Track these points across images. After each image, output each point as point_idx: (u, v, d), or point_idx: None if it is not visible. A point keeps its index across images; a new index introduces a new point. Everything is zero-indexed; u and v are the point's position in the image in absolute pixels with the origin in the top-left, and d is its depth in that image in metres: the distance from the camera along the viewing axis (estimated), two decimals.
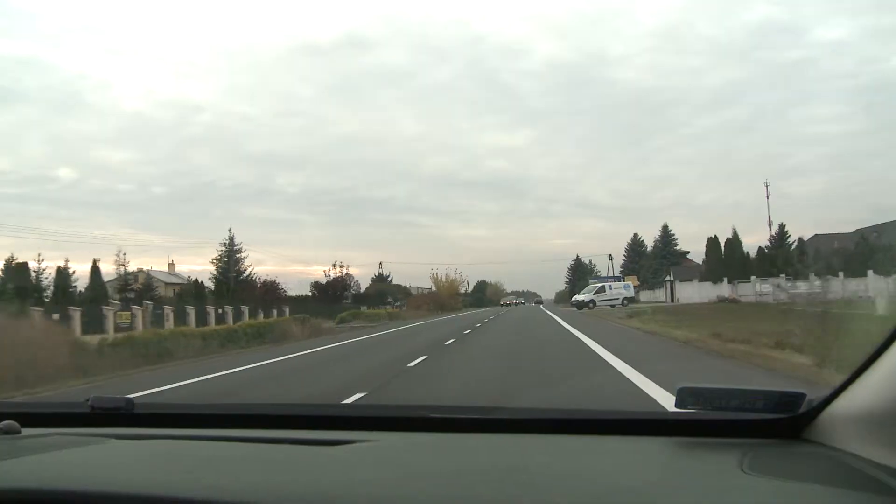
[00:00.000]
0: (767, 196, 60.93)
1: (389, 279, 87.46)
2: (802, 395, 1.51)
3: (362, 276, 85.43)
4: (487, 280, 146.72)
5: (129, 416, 1.94)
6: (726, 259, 60.14)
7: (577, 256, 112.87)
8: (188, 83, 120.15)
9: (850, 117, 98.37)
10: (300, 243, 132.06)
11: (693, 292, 57.26)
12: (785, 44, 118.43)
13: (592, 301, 55.76)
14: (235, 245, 63.42)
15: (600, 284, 61.41)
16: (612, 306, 50.78)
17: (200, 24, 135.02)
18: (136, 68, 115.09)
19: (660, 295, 68.67)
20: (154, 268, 64.16)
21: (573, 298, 57.85)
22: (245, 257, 62.75)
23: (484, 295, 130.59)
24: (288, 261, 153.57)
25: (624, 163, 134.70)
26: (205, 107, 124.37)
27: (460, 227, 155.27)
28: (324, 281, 74.10)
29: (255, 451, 1.66)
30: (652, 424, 1.74)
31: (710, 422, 1.62)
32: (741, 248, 62.50)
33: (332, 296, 66.68)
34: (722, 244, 62.01)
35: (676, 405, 1.59)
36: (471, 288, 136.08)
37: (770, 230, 61.43)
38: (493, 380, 10.99)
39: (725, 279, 56.55)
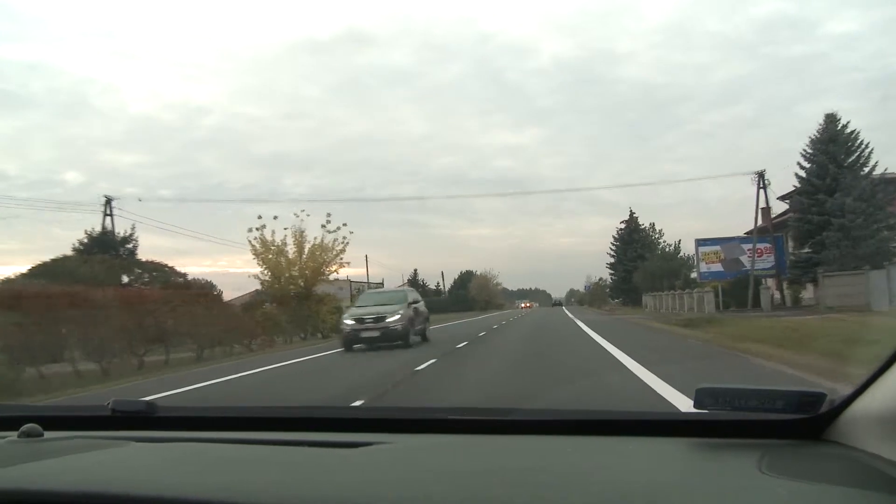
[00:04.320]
0: None
1: (130, 244, 38.27)
2: (823, 395, 1.51)
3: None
4: (474, 271, 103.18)
5: (150, 419, 1.94)
6: None
7: (631, 213, 67.04)
8: (195, 85, 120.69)
9: (860, 112, 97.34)
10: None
11: None
12: (793, 38, 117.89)
13: None
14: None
15: None
16: None
17: (206, 26, 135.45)
18: (143, 71, 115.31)
19: None
20: None
21: None
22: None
23: (467, 293, 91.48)
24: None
25: (631, 160, 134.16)
26: (212, 109, 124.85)
27: (468, 227, 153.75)
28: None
29: (274, 454, 1.66)
30: (670, 425, 1.74)
31: (728, 422, 1.62)
32: None
33: None
34: None
35: (695, 406, 1.58)
36: (446, 284, 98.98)
37: None
38: None
39: None
